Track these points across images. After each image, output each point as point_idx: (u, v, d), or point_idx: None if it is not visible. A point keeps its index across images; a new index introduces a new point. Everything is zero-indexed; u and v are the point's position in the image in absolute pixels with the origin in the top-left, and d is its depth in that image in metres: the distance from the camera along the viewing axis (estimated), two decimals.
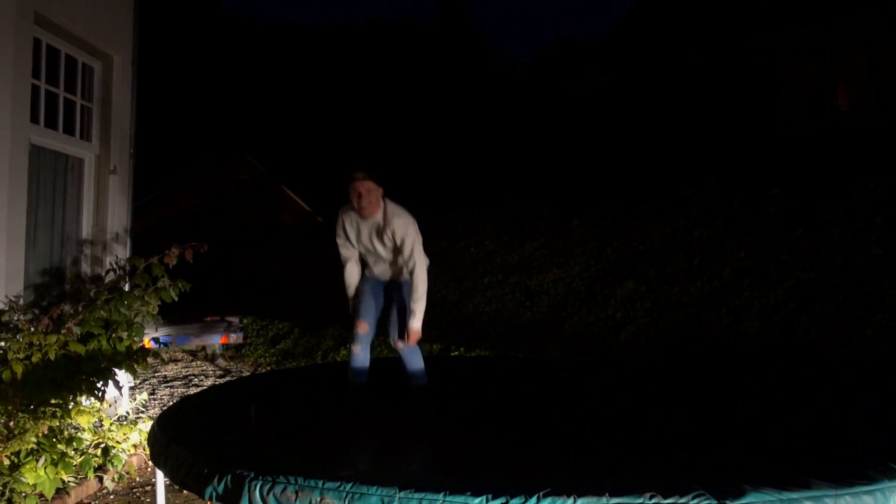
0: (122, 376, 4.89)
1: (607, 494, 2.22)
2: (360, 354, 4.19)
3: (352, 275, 4.37)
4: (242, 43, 29.45)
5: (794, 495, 2.28)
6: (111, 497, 4.47)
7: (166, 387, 8.02)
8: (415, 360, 4.18)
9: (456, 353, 8.17)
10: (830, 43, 10.95)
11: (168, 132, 25.81)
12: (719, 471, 2.71)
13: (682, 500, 2.22)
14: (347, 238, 4.25)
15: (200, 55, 28.20)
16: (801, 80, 11.40)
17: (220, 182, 21.12)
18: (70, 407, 4.44)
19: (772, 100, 11.47)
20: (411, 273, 4.04)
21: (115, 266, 5.31)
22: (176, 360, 10.00)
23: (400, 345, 4.15)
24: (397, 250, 4.08)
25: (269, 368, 9.47)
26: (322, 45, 29.63)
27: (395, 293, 4.24)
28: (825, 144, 10.85)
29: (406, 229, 4.03)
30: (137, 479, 4.79)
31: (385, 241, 4.08)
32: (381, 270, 4.27)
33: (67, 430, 4.51)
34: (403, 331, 4.10)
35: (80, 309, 4.74)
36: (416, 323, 4.01)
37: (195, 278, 5.31)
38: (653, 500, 2.21)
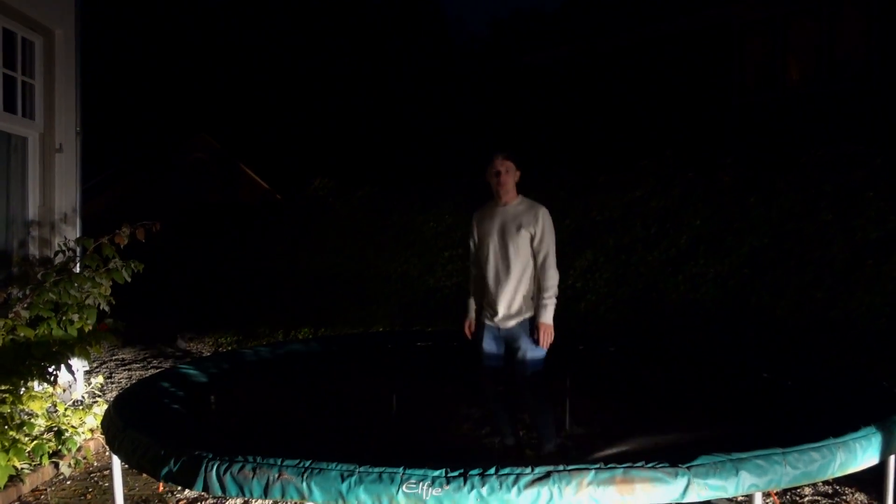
0: (76, 360, 4.78)
1: (563, 464, 2.24)
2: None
3: (470, 305, 4.12)
4: (194, 15, 28.66)
5: (745, 455, 2.34)
6: (68, 483, 4.39)
7: (124, 370, 7.88)
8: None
9: (417, 327, 8.18)
10: (783, 15, 11.10)
11: (119, 109, 25.11)
12: (674, 436, 2.76)
13: (637, 465, 2.25)
14: (474, 244, 4.04)
15: (150, 28, 27.39)
16: (755, 52, 11.54)
17: (175, 160, 20.68)
18: (21, 392, 4.33)
19: (726, 71, 11.60)
20: (543, 270, 3.76)
21: (63, 247, 5.16)
22: (134, 343, 9.83)
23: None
24: (525, 250, 3.81)
25: (230, 348, 9.37)
26: (278, 19, 28.99)
27: (514, 350, 3.82)
28: (778, 114, 11.04)
29: (546, 221, 3.82)
30: (95, 464, 4.71)
31: (518, 232, 3.81)
32: (499, 293, 3.86)
33: (19, 416, 4.40)
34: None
35: (27, 292, 4.61)
36: (546, 316, 3.70)
37: (150, 260, 5.21)
38: (609, 465, 2.24)
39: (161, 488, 4.10)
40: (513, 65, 16.26)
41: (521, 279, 3.84)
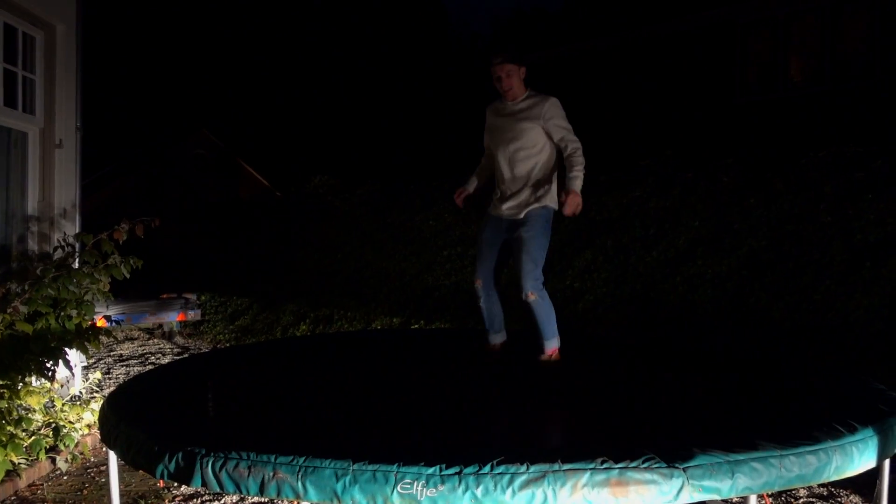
0: (74, 355, 4.78)
1: (559, 461, 2.24)
2: (484, 308, 4.03)
3: (470, 181, 4.21)
4: (195, 10, 28.62)
5: (741, 456, 2.33)
6: (65, 478, 4.40)
7: (122, 366, 7.89)
8: (546, 313, 3.82)
9: (416, 326, 8.18)
10: (784, 14, 11.09)
11: (120, 105, 25.09)
12: (670, 436, 2.76)
13: (633, 465, 2.25)
14: (487, 137, 4.05)
15: (151, 24, 27.36)
16: (757, 51, 11.53)
17: (175, 156, 20.68)
18: (19, 388, 4.33)
19: (728, 71, 11.60)
20: (570, 152, 3.77)
21: (63, 243, 5.17)
22: (132, 339, 9.85)
23: (531, 297, 3.79)
24: (535, 143, 3.82)
25: (228, 345, 9.37)
26: (279, 16, 28.96)
27: (514, 240, 3.87)
28: (778, 114, 11.03)
29: (553, 110, 3.80)
30: (92, 460, 4.72)
31: (527, 126, 3.81)
32: (509, 186, 3.89)
33: (17, 411, 4.40)
34: (527, 282, 3.74)
35: (26, 287, 4.61)
36: (576, 185, 3.71)
37: (150, 255, 5.21)
38: (604, 466, 2.24)
39: (162, 484, 4.11)
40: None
41: (529, 171, 3.86)
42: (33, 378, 4.49)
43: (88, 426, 4.88)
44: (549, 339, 3.89)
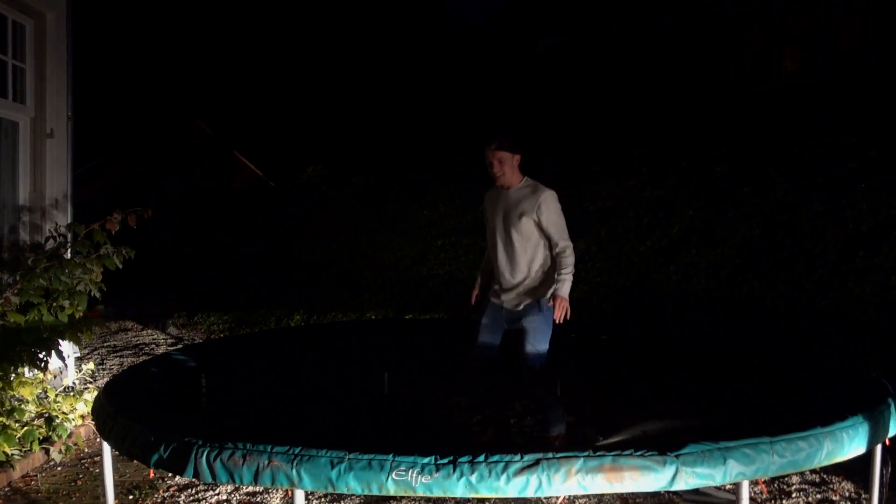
0: (67, 346, 4.76)
1: (552, 451, 2.25)
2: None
3: (479, 276, 4.16)
4: (189, 0, 28.42)
5: (733, 443, 2.35)
6: (59, 469, 4.39)
7: (116, 356, 7.87)
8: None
9: (410, 316, 8.19)
10: (779, 5, 11.09)
11: (112, 95, 24.94)
12: (663, 423, 2.78)
13: (626, 453, 2.26)
14: (487, 224, 4.00)
15: (143, 13, 27.17)
16: (751, 43, 11.54)
17: (169, 147, 20.58)
18: (11, 378, 4.32)
19: (723, 61, 11.60)
20: (558, 252, 3.68)
21: (54, 233, 5.14)
22: (126, 329, 9.81)
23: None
24: (530, 236, 3.75)
25: (222, 335, 9.36)
26: (273, 6, 28.79)
27: (516, 330, 3.83)
28: (772, 104, 11.04)
29: (547, 205, 3.72)
30: (86, 450, 4.71)
31: (520, 219, 3.75)
32: (506, 278, 3.85)
33: (9, 401, 4.39)
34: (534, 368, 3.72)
35: (18, 278, 4.58)
36: (563, 290, 3.63)
37: (143, 246, 5.19)
38: (597, 453, 2.25)
39: (152, 475, 4.10)
40: (509, 54, 16.20)
41: (528, 264, 3.80)
42: (26, 369, 4.47)
43: (82, 417, 4.87)
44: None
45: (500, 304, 3.90)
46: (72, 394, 5.06)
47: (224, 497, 3.82)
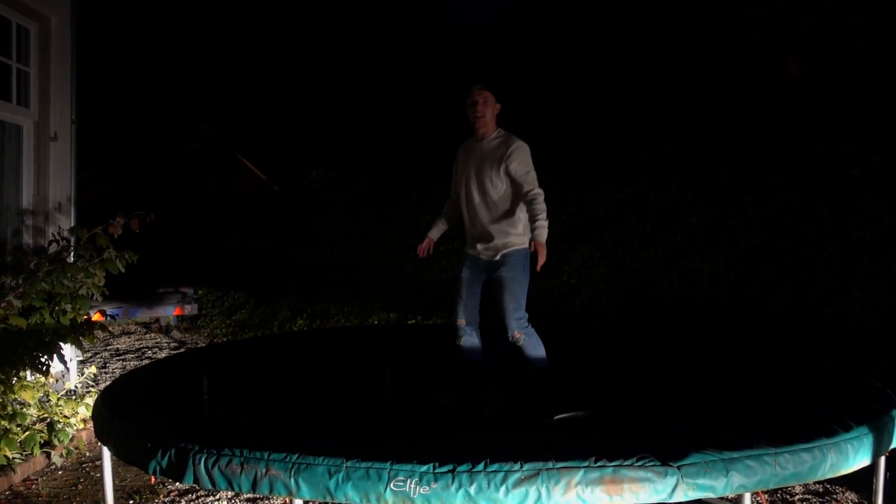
0: (69, 350, 4.76)
1: (553, 460, 2.24)
2: (465, 346, 3.89)
3: (437, 225, 4.16)
4: (192, 4, 28.49)
5: (736, 454, 2.33)
6: (60, 473, 4.39)
7: (118, 360, 7.87)
8: (533, 349, 3.72)
9: (413, 321, 8.18)
10: (783, 10, 11.07)
11: (115, 98, 25.00)
12: (664, 434, 2.76)
13: (627, 463, 2.25)
14: (455, 176, 4.02)
15: (146, 16, 27.25)
16: (755, 47, 11.52)
17: (171, 150, 20.61)
18: (13, 382, 4.32)
19: (727, 66, 11.58)
20: (529, 200, 3.62)
21: (57, 237, 5.14)
22: (129, 333, 9.82)
23: (518, 336, 3.68)
24: (502, 185, 3.73)
25: (225, 339, 9.36)
26: (276, 9, 28.84)
27: (494, 280, 3.79)
28: (776, 109, 11.01)
29: (521, 152, 3.70)
30: (87, 455, 4.71)
31: (492, 168, 3.73)
32: (479, 230, 3.84)
33: (11, 405, 4.39)
34: (511, 322, 3.66)
35: (20, 281, 4.58)
36: (542, 236, 3.52)
37: (147, 250, 5.19)
38: (598, 464, 2.23)
39: (153, 480, 4.10)
40: (512, 57, 16.21)
41: (502, 214, 3.78)
42: (28, 372, 4.47)
43: (83, 421, 4.87)
44: (537, 371, 3.79)
45: (476, 254, 3.90)
46: (73, 397, 5.06)
47: (224, 503, 3.81)
